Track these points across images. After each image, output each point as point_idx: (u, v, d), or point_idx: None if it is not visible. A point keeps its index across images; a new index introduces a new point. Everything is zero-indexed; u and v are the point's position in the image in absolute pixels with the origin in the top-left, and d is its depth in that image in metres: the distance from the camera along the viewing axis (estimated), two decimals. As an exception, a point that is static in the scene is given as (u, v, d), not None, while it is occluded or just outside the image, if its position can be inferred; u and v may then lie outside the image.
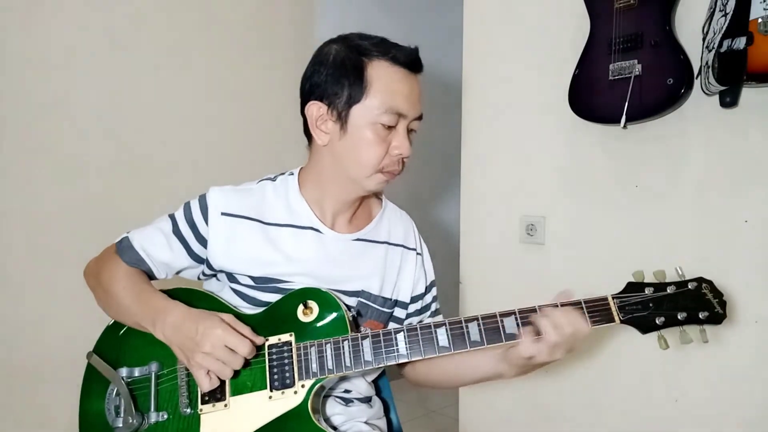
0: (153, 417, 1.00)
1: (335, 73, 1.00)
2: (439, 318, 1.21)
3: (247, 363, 0.95)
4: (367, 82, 0.99)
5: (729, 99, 1.36)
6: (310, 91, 1.04)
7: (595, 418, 1.69)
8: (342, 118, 1.01)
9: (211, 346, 0.91)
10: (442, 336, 0.97)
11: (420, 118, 1.05)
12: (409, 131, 1.05)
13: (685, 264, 1.47)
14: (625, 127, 1.50)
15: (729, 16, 1.25)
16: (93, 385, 1.06)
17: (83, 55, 1.95)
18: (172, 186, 2.06)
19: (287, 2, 2.58)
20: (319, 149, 1.06)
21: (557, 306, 0.94)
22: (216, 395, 0.97)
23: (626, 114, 1.44)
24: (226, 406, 0.97)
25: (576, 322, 0.92)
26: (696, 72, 1.39)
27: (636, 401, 1.60)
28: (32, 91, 1.86)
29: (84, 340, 1.10)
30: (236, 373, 0.96)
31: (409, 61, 1.01)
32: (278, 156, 2.50)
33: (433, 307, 1.21)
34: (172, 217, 1.09)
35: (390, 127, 1.01)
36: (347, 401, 1.12)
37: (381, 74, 0.99)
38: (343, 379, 1.08)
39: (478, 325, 0.96)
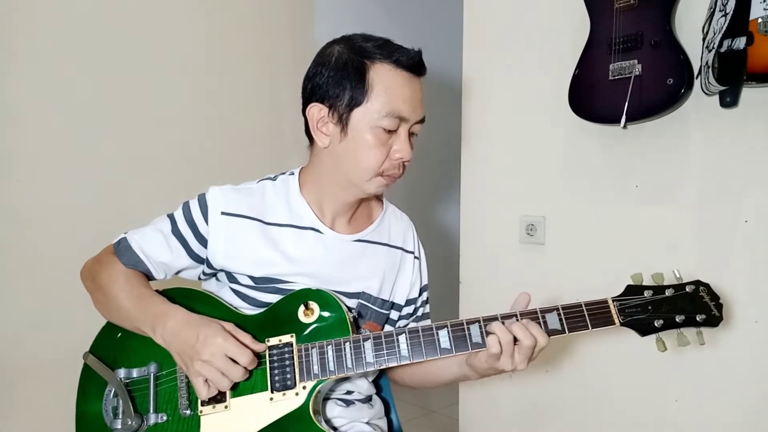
0: (152, 418, 0.99)
1: (337, 75, 0.99)
2: (428, 322, 1.19)
3: (246, 374, 0.94)
4: (369, 85, 0.97)
5: (729, 99, 1.36)
6: (311, 92, 1.03)
7: (595, 418, 1.69)
8: (343, 121, 0.99)
9: (210, 355, 0.90)
10: (444, 338, 0.96)
11: (422, 121, 1.04)
12: (411, 134, 1.04)
13: (685, 264, 1.48)
14: (625, 127, 1.49)
15: (729, 16, 1.25)
16: (90, 385, 1.04)
17: (84, 54, 1.95)
18: (171, 187, 2.06)
19: (287, 2, 2.58)
20: (320, 151, 1.06)
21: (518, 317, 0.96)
22: (216, 396, 0.97)
23: (626, 114, 1.44)
24: (226, 407, 0.97)
25: (537, 334, 0.93)
26: (696, 72, 1.39)
27: (636, 401, 1.60)
28: (30, 89, 1.85)
29: (84, 341, 1.09)
30: None
31: (413, 64, 0.99)
32: (277, 156, 2.49)
33: (421, 311, 1.22)
34: (170, 216, 1.08)
35: (391, 131, 1.00)
36: (348, 402, 1.11)
37: (383, 77, 0.98)
38: (345, 380, 1.08)
39: (480, 327, 0.96)
